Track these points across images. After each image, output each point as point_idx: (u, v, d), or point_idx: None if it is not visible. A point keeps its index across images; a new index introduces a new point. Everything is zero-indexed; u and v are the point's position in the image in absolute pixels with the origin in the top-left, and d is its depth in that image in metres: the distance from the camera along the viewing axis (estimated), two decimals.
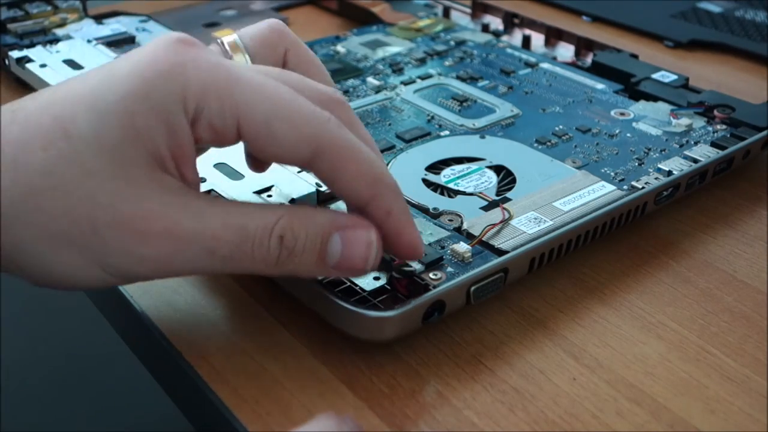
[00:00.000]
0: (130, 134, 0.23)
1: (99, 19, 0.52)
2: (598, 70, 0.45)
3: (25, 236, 0.23)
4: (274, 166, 0.31)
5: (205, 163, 0.33)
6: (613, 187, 0.33)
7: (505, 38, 0.50)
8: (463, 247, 0.29)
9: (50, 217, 0.23)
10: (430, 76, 0.44)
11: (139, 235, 0.23)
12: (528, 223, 0.30)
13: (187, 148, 0.24)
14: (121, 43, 0.48)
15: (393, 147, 0.37)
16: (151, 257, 0.23)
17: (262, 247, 0.24)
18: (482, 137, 0.38)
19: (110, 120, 0.23)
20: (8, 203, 0.23)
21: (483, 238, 0.29)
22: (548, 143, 0.37)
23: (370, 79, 0.43)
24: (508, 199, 0.32)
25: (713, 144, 0.36)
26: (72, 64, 0.44)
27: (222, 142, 0.24)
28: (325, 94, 0.26)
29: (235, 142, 0.24)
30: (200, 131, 0.24)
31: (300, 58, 0.29)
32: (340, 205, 0.31)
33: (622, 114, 0.40)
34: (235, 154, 0.33)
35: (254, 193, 0.31)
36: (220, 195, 0.31)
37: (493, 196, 0.33)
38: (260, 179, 0.32)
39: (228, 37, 0.28)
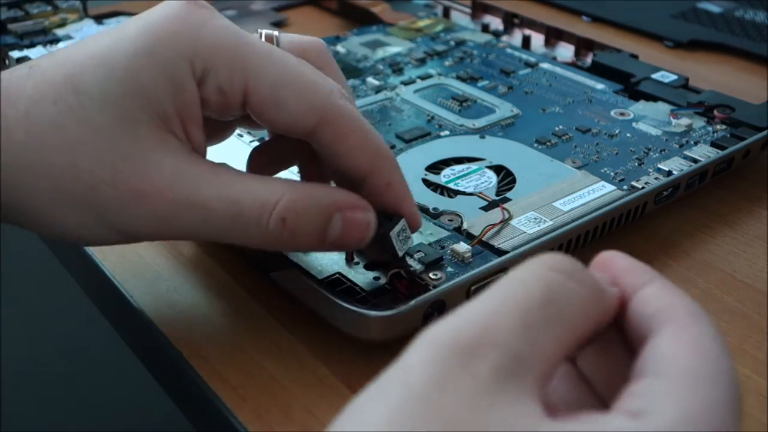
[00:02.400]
0: (134, 90, 0.23)
1: (99, 19, 0.52)
2: (598, 70, 0.45)
3: (34, 189, 0.24)
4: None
5: None
6: (613, 187, 0.33)
7: (505, 38, 0.50)
8: (463, 247, 0.29)
9: (57, 172, 0.23)
10: (430, 76, 0.44)
11: (135, 195, 0.23)
12: (528, 223, 0.30)
13: (193, 108, 0.24)
14: None
15: (393, 147, 0.37)
16: (147, 217, 0.24)
17: (259, 225, 0.24)
18: (482, 137, 0.38)
19: (116, 76, 0.23)
20: (20, 154, 0.23)
21: (483, 238, 0.29)
22: (548, 143, 0.37)
23: (370, 80, 0.43)
24: (508, 199, 0.32)
25: (713, 144, 0.36)
26: None
27: (227, 108, 0.24)
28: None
29: (239, 109, 0.25)
30: (207, 92, 0.24)
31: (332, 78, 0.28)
32: None
33: (622, 114, 0.40)
34: (235, 155, 0.33)
35: None
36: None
37: (493, 196, 0.33)
38: None
39: (268, 31, 0.28)
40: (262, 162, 0.29)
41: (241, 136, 0.36)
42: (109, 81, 0.23)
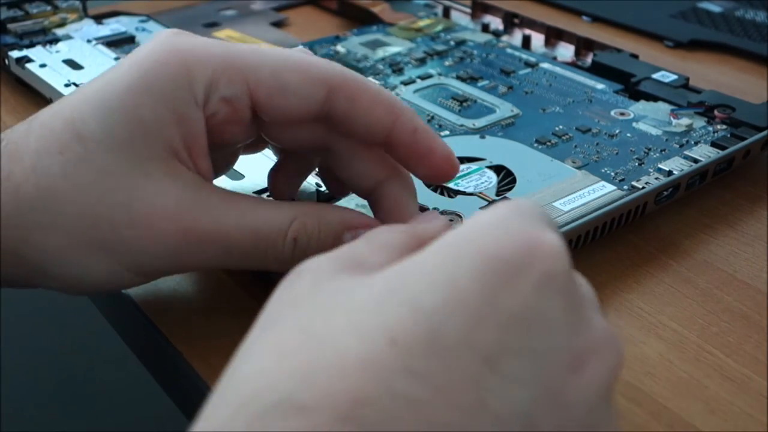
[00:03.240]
0: (138, 128, 0.23)
1: (99, 19, 0.52)
2: (598, 70, 0.45)
3: (50, 243, 0.23)
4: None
5: None
6: (613, 187, 0.33)
7: (505, 38, 0.50)
8: None
9: (72, 220, 0.23)
10: (430, 76, 0.44)
11: (156, 234, 0.23)
12: None
13: (199, 136, 0.24)
14: (121, 43, 0.48)
15: None
16: (168, 254, 0.24)
17: (276, 249, 0.25)
18: (482, 137, 0.38)
19: (117, 116, 0.23)
20: (31, 211, 0.23)
21: None
22: (548, 143, 0.37)
23: (370, 80, 0.43)
24: (508, 199, 0.32)
25: (713, 144, 0.36)
26: (72, 64, 0.44)
27: (238, 117, 0.24)
28: None
29: (250, 114, 0.24)
30: (214, 108, 0.24)
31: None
32: (341, 205, 0.31)
33: (622, 114, 0.40)
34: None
35: (254, 193, 0.31)
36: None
37: (493, 196, 0.33)
38: (260, 179, 0.32)
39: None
40: (282, 180, 0.29)
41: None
42: (110, 122, 0.23)
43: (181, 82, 0.23)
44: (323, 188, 0.32)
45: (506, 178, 0.34)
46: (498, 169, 0.35)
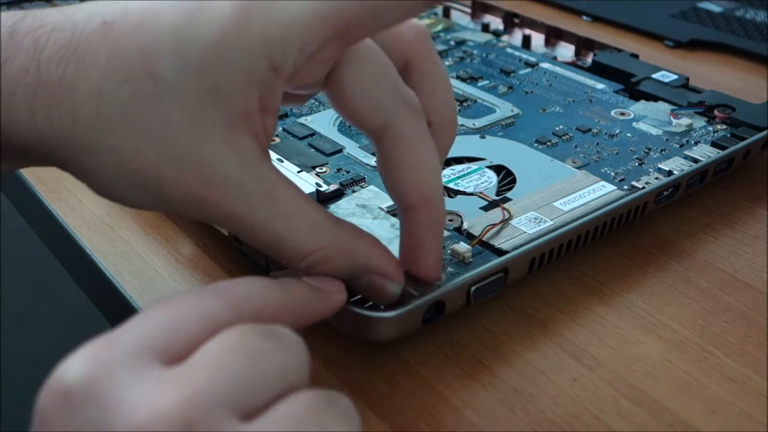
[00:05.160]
0: (211, 92, 0.22)
1: None
2: (598, 70, 0.45)
3: (99, 166, 0.23)
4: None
5: None
6: (613, 187, 0.33)
7: (505, 38, 0.50)
8: (463, 247, 0.29)
9: (123, 159, 0.22)
10: None
11: (195, 200, 0.23)
12: (528, 223, 0.30)
13: (274, 99, 0.23)
14: None
15: None
16: (204, 216, 0.24)
17: (290, 262, 0.24)
18: (482, 137, 0.38)
19: (193, 73, 0.22)
20: (88, 133, 0.22)
21: (483, 238, 0.29)
22: (548, 143, 0.37)
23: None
24: (508, 199, 0.32)
25: (713, 144, 0.36)
26: None
27: (315, 73, 0.24)
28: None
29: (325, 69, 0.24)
30: (289, 71, 0.23)
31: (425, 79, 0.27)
32: (342, 205, 0.31)
33: (623, 114, 0.40)
34: None
35: None
36: None
37: (493, 196, 0.33)
38: None
39: None
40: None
41: None
42: (185, 75, 0.22)
43: (260, 50, 0.22)
44: (323, 188, 0.32)
45: (506, 178, 0.34)
46: (498, 169, 0.35)
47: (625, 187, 0.33)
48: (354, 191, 0.33)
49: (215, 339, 0.20)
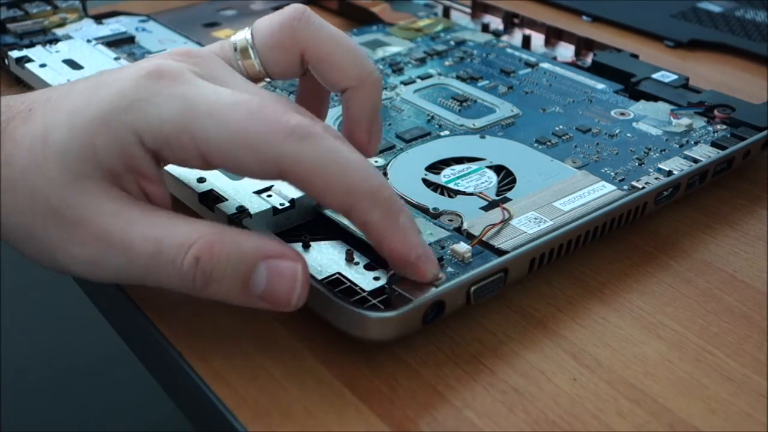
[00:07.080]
0: (88, 152, 0.25)
1: (99, 19, 0.52)
2: (598, 70, 0.45)
3: (11, 223, 0.26)
4: None
5: None
6: (613, 187, 0.33)
7: (505, 38, 0.50)
8: (463, 247, 0.29)
9: (21, 212, 0.25)
10: (430, 76, 0.44)
11: (75, 237, 0.25)
12: (528, 223, 0.30)
13: (146, 170, 0.25)
14: (120, 43, 0.48)
15: (393, 147, 0.37)
16: (82, 258, 0.25)
17: (175, 265, 0.24)
18: (482, 137, 0.38)
19: (76, 137, 0.25)
20: (8, 188, 0.26)
21: (483, 238, 0.29)
22: (548, 143, 0.37)
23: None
24: (508, 199, 0.32)
25: (713, 144, 0.36)
26: (72, 64, 0.44)
27: (197, 168, 0.26)
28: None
29: (210, 168, 0.26)
30: (168, 160, 0.26)
31: (320, 56, 0.29)
32: None
33: (622, 114, 0.40)
34: None
35: (254, 193, 0.31)
36: (219, 195, 0.31)
37: (493, 196, 0.33)
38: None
39: (240, 39, 0.29)
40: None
41: None
42: (70, 140, 0.25)
43: (134, 131, 0.24)
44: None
45: (506, 178, 0.34)
46: (498, 169, 0.35)
47: (625, 187, 0.33)
48: None
49: None
